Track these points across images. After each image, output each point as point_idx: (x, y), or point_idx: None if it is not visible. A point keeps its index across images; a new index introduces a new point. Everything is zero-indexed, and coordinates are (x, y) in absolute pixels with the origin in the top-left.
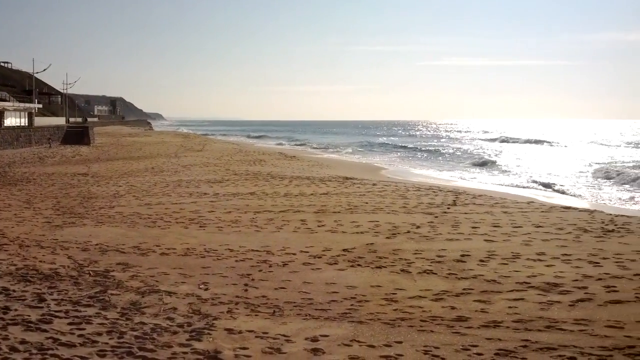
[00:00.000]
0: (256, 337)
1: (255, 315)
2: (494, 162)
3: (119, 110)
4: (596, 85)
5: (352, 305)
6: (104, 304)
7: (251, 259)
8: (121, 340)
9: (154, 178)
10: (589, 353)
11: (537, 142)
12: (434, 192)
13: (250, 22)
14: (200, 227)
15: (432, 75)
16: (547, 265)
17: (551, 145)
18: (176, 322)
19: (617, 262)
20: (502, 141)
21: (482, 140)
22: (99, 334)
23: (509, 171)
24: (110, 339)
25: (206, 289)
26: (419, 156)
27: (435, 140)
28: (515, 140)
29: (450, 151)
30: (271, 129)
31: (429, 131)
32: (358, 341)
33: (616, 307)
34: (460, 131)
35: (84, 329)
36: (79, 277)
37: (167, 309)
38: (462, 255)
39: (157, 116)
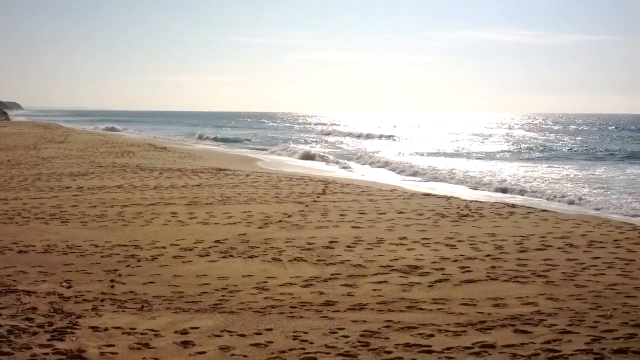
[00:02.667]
0: (123, 333)
1: (122, 311)
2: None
3: None
4: (463, 79)
5: (223, 296)
6: None
7: (118, 254)
8: None
9: (11, 172)
10: (445, 330)
11: (385, 137)
12: (305, 182)
13: (119, 8)
14: (62, 222)
15: (306, 68)
16: (409, 249)
17: (394, 140)
18: (36, 323)
19: (470, 244)
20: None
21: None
22: None
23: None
24: None
25: (69, 287)
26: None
27: (280, 133)
28: (364, 135)
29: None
30: (140, 120)
31: (287, 123)
32: (229, 331)
33: (470, 286)
34: (325, 124)
35: None
36: None
37: (26, 309)
38: (331, 242)
39: (14, 105)
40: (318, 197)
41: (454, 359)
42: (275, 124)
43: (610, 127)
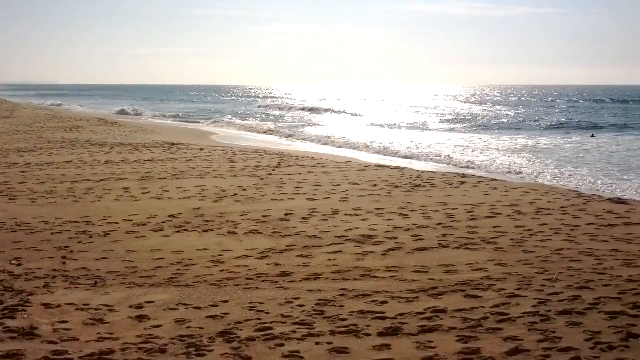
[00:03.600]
0: (76, 309)
1: (75, 287)
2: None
3: None
4: (415, 52)
5: (178, 270)
6: None
7: (69, 230)
8: None
9: None
10: (398, 297)
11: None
12: (261, 155)
13: None
14: (10, 199)
15: (259, 40)
16: (363, 220)
17: (334, 113)
18: None
19: (423, 213)
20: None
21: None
22: None
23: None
24: None
25: (19, 265)
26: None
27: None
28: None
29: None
30: (95, 93)
31: (236, 97)
32: (184, 304)
33: (422, 253)
34: (275, 97)
35: None
36: None
37: None
38: (286, 214)
39: None
40: (273, 170)
41: (406, 324)
42: (224, 98)
43: (558, 100)
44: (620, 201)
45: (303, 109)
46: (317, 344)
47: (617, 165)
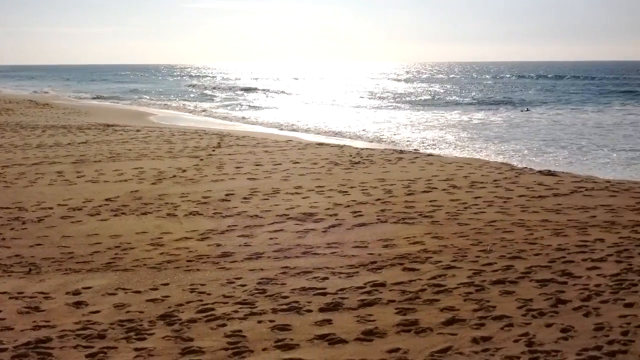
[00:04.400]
0: (10, 298)
1: (9, 275)
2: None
3: None
4: (355, 29)
5: (116, 254)
6: None
7: (1, 217)
8: None
9: None
10: (339, 272)
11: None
12: (200, 135)
13: None
14: None
15: (197, 18)
16: (304, 197)
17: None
18: None
19: (362, 190)
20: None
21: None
22: None
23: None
24: None
25: None
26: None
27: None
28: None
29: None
30: (20, 75)
31: (171, 77)
32: (123, 289)
33: (361, 229)
34: (207, 76)
35: None
36: None
37: None
38: (227, 195)
39: None
40: (213, 150)
41: (347, 299)
42: (156, 78)
43: (488, 75)
44: (550, 173)
45: (231, 89)
46: (260, 322)
47: (545, 139)
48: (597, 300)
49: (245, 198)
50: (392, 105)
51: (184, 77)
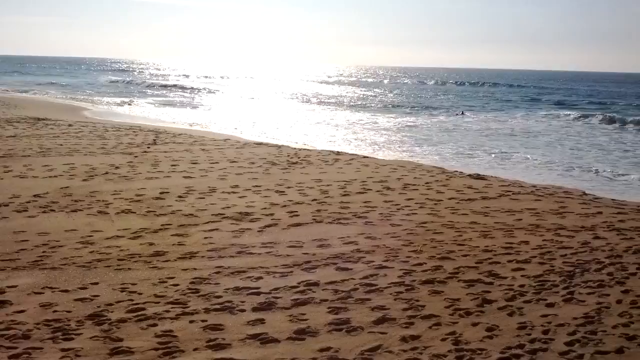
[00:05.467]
0: None
1: None
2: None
3: None
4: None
5: (44, 252)
6: None
7: None
8: None
9: None
10: (273, 272)
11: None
12: (134, 132)
13: None
14: None
15: (134, 12)
16: (240, 197)
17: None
18: None
19: (299, 190)
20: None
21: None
22: None
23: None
24: None
25: None
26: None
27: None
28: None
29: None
30: None
31: (94, 70)
32: (50, 288)
33: (297, 229)
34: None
35: None
36: None
37: None
38: (162, 193)
39: None
40: (148, 147)
41: (280, 298)
42: (79, 71)
43: (429, 81)
44: (479, 177)
45: (150, 86)
46: (191, 322)
47: (477, 142)
48: (521, 300)
49: (180, 196)
50: (325, 107)
51: (116, 72)
